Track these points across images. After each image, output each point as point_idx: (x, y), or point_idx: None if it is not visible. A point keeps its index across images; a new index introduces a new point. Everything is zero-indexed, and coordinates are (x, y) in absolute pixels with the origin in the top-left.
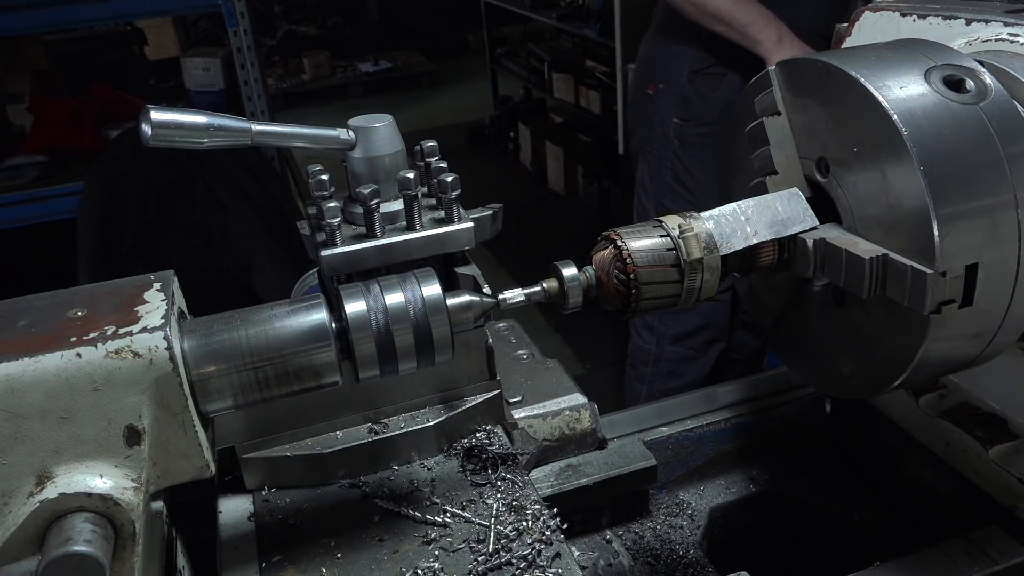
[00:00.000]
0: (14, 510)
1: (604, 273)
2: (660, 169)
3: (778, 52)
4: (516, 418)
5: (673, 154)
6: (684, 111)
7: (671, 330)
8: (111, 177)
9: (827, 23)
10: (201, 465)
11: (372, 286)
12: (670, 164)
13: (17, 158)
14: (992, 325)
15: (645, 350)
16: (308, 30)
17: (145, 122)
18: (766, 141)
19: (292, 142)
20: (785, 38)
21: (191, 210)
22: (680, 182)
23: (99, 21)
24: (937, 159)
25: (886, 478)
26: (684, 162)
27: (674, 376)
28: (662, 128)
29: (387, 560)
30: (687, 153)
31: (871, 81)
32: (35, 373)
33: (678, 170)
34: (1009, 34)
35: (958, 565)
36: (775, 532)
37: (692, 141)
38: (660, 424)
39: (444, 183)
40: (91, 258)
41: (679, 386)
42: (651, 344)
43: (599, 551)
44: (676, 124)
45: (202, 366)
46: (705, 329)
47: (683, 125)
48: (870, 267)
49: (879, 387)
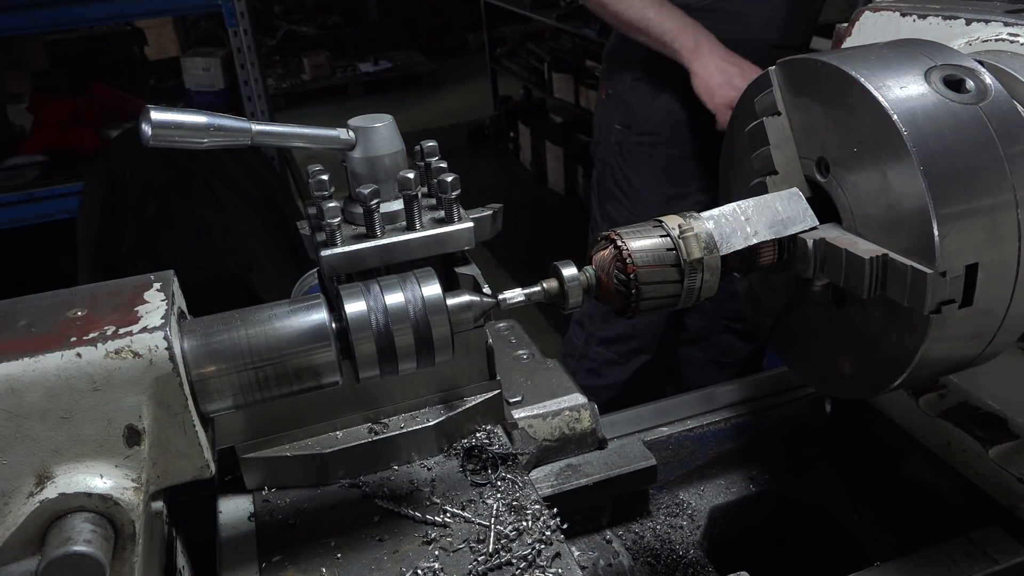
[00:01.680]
0: (14, 510)
1: (604, 273)
2: (604, 173)
3: (695, 60)
4: (516, 418)
5: (614, 159)
6: (626, 118)
7: (600, 332)
8: (111, 177)
9: (782, 34)
10: (201, 465)
11: (372, 286)
12: (611, 169)
13: (17, 158)
14: (992, 325)
15: (575, 344)
16: (308, 30)
17: (145, 122)
18: (766, 141)
19: (292, 142)
20: (703, 46)
21: (191, 210)
22: (620, 188)
23: (99, 21)
24: (937, 159)
25: (886, 478)
26: (623, 169)
27: (595, 375)
28: (607, 133)
29: (387, 560)
30: (626, 159)
31: (871, 81)
32: (35, 373)
33: (618, 176)
34: (1009, 34)
35: (958, 565)
36: (775, 532)
37: (631, 148)
38: (660, 424)
39: (444, 183)
40: (91, 258)
41: (600, 385)
42: (580, 341)
43: (599, 551)
44: (618, 130)
45: (202, 366)
46: (631, 339)
47: (624, 132)
48: (870, 267)
49: (879, 387)
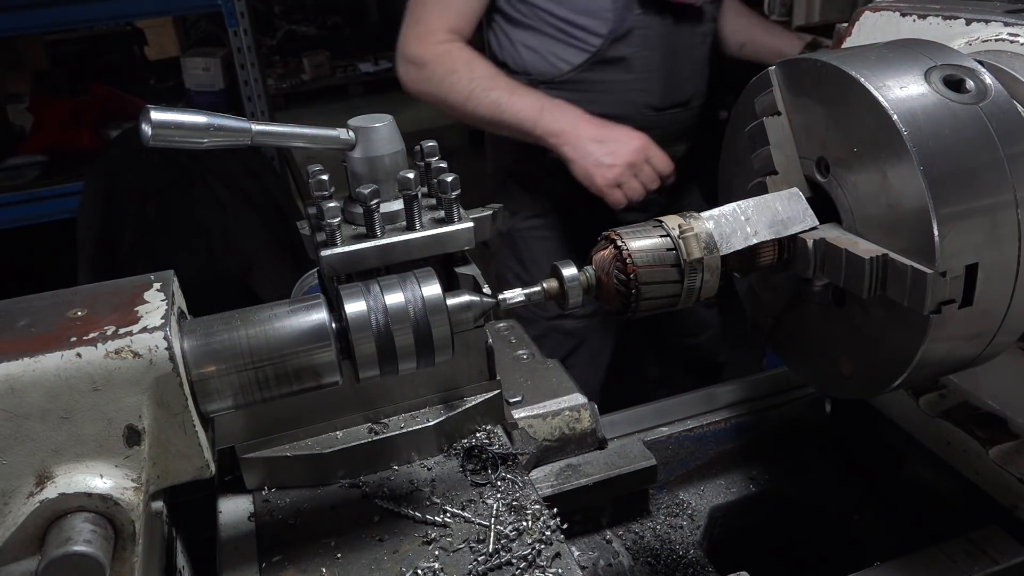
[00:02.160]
0: (14, 510)
1: (604, 273)
2: (502, 266)
3: (564, 145)
4: (516, 418)
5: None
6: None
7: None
8: (111, 177)
9: (663, 95)
10: (201, 465)
11: (372, 286)
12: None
13: (17, 158)
14: (992, 325)
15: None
16: (308, 30)
17: (145, 122)
18: (766, 141)
19: (292, 142)
20: (568, 126)
21: (191, 210)
22: (520, 279)
23: (99, 21)
24: (937, 159)
25: (886, 478)
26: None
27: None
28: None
29: (387, 560)
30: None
31: (871, 81)
32: (35, 373)
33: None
34: (1009, 34)
35: (958, 565)
36: (775, 532)
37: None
38: (660, 424)
39: (444, 183)
40: (91, 258)
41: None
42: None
43: (599, 551)
44: (506, 216)
45: (202, 366)
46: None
47: (512, 218)
48: (870, 267)
49: (879, 387)
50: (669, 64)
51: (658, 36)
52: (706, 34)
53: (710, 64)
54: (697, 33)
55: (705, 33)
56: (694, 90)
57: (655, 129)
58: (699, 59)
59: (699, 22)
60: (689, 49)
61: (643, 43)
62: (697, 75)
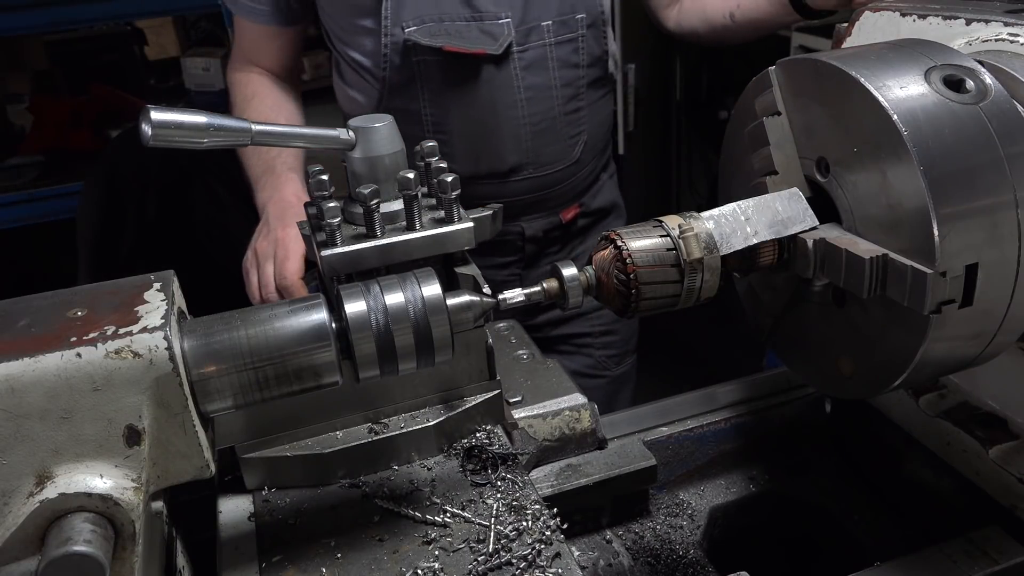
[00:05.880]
0: (14, 510)
1: (604, 273)
2: None
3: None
4: (516, 418)
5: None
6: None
7: None
8: (111, 177)
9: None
10: (201, 465)
11: (372, 286)
12: None
13: (17, 158)
14: (992, 325)
15: None
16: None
17: (145, 122)
18: (766, 141)
19: (292, 142)
20: (269, 204)
21: (191, 210)
22: None
23: (99, 21)
24: (937, 159)
25: (886, 478)
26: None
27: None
28: None
29: (387, 560)
30: None
31: (871, 81)
32: (35, 373)
33: None
34: (1009, 34)
35: (958, 565)
36: (775, 532)
37: None
38: (660, 424)
39: (444, 183)
40: (91, 258)
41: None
42: None
43: (599, 551)
44: None
45: (202, 366)
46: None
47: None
48: (870, 267)
49: (879, 387)
50: (474, 127)
51: (453, 90)
52: (554, 87)
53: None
54: (531, 87)
55: (550, 86)
56: (521, 160)
57: (487, 199)
58: (538, 119)
59: (538, 71)
60: (511, 108)
61: (432, 97)
62: (532, 139)
